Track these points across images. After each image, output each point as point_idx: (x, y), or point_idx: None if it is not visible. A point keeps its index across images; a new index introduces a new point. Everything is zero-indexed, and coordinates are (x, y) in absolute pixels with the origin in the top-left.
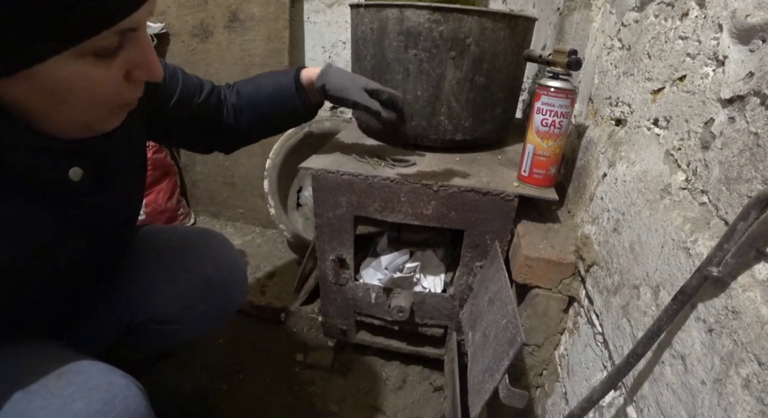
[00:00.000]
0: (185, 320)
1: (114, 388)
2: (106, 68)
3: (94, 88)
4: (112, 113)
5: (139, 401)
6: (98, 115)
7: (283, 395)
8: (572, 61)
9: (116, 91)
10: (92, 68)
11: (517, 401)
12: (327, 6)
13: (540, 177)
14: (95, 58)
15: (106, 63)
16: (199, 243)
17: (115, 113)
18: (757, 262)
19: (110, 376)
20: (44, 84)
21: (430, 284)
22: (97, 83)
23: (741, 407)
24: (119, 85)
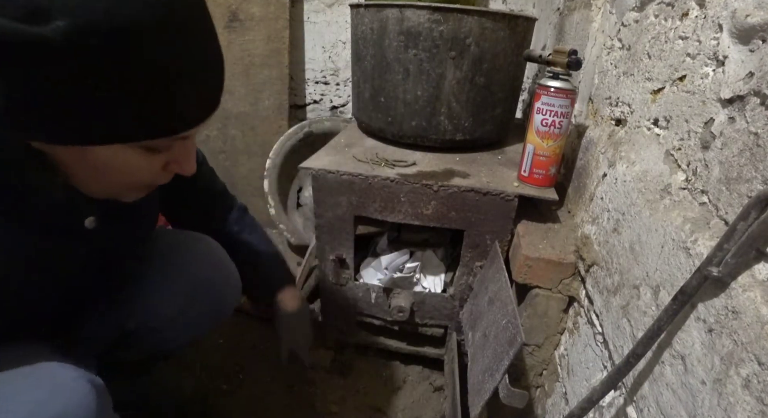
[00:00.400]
0: (178, 324)
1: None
2: (149, 160)
3: (132, 173)
4: (139, 191)
5: (85, 394)
6: (127, 190)
7: (283, 395)
8: (572, 61)
9: (151, 177)
10: (138, 158)
11: (517, 401)
12: (327, 6)
13: (540, 177)
14: (144, 150)
15: (151, 156)
16: (188, 247)
17: (142, 191)
18: (757, 262)
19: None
20: (92, 160)
21: (430, 284)
22: (137, 170)
23: (741, 407)
24: (155, 174)
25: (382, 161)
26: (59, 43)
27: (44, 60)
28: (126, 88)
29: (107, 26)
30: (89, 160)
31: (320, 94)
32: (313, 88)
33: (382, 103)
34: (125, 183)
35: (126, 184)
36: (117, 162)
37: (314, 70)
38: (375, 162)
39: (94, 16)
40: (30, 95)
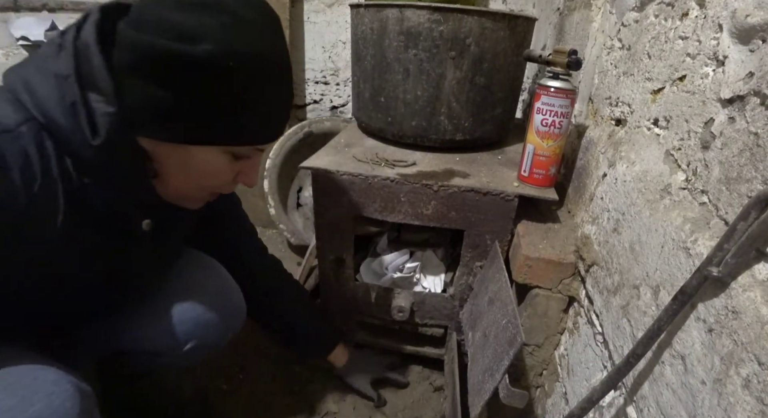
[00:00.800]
0: (173, 354)
1: (36, 383)
2: (230, 166)
3: (213, 176)
4: (203, 198)
5: (65, 398)
6: (197, 195)
7: (283, 395)
8: (572, 61)
9: (222, 184)
10: (223, 163)
11: (517, 401)
12: (327, 6)
13: (540, 177)
14: (230, 156)
15: (232, 163)
16: (192, 275)
17: (204, 199)
18: (757, 262)
19: (39, 372)
20: (191, 159)
21: (430, 284)
22: (218, 174)
23: (741, 407)
24: (227, 180)
25: (382, 161)
26: (204, 60)
27: (189, 72)
28: (239, 102)
29: (240, 52)
30: (188, 160)
31: (320, 94)
32: (313, 88)
33: (382, 103)
34: (202, 186)
35: (202, 187)
36: (208, 164)
37: (314, 70)
38: (375, 162)
39: (232, 43)
40: (170, 97)
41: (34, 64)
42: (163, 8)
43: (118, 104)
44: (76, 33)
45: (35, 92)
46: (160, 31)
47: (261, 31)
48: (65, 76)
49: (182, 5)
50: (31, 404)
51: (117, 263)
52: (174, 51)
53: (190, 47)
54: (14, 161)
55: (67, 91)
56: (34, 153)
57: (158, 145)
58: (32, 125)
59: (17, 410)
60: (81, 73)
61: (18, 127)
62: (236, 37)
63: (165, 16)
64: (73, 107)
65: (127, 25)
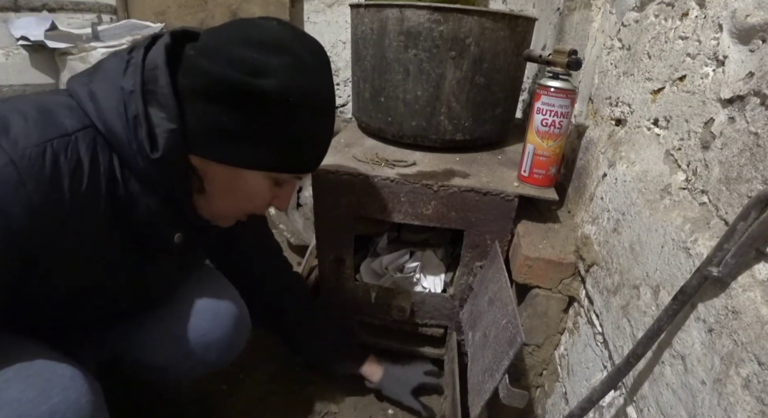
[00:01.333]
0: (172, 371)
1: (55, 377)
2: (269, 190)
3: (253, 198)
4: (236, 217)
5: (81, 393)
6: (234, 214)
7: (283, 395)
8: (572, 61)
9: (258, 206)
10: (265, 186)
11: (517, 401)
12: (327, 6)
13: (540, 177)
14: (272, 182)
15: (271, 187)
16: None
17: (237, 218)
18: (757, 262)
19: (56, 367)
20: (237, 180)
21: (430, 284)
22: (258, 197)
23: (741, 407)
24: (263, 203)
25: (382, 161)
26: (270, 93)
27: (255, 102)
28: (293, 133)
29: (300, 90)
30: (233, 180)
31: None
32: None
33: (382, 103)
34: (238, 206)
35: (238, 207)
36: (251, 186)
37: None
38: (375, 162)
39: (294, 81)
40: (232, 123)
41: (101, 76)
42: (234, 44)
43: (179, 122)
44: (145, 53)
45: (99, 102)
46: (232, 63)
47: (318, 73)
48: (131, 91)
49: (251, 44)
50: (49, 397)
51: (143, 271)
52: (244, 82)
53: (258, 81)
54: (66, 165)
55: (130, 105)
56: (86, 159)
57: (210, 165)
58: (89, 132)
59: (36, 402)
60: (146, 90)
61: (75, 132)
62: (297, 77)
63: (236, 51)
64: (135, 120)
65: (198, 53)
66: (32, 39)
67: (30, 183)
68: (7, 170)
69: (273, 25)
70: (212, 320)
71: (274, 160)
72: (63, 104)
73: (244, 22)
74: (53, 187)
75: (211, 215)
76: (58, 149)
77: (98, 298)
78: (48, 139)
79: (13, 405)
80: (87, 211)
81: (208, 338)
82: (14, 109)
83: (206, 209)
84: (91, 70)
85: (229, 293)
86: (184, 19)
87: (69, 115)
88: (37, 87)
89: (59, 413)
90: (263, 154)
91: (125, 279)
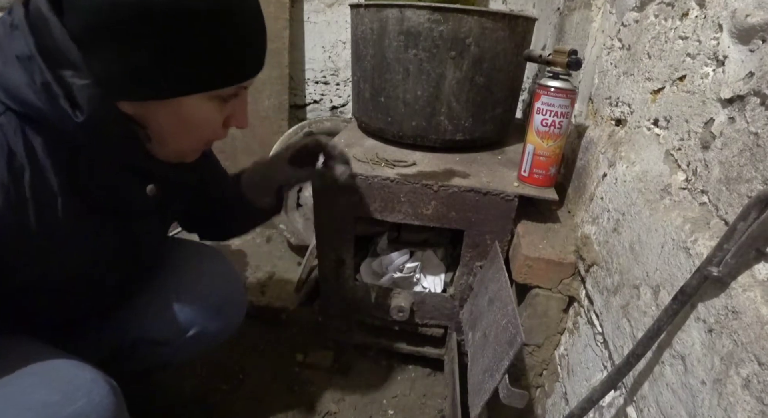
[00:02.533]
0: (178, 342)
1: (78, 381)
2: (219, 111)
3: (205, 124)
4: (198, 149)
5: (104, 395)
6: (194, 146)
7: (283, 395)
8: (572, 61)
9: (215, 130)
10: (212, 109)
11: (517, 401)
12: (327, 6)
13: (540, 177)
14: (217, 101)
15: (220, 107)
16: (194, 263)
17: (201, 149)
18: (757, 262)
19: (77, 370)
20: (179, 113)
21: (430, 284)
22: (210, 121)
23: (741, 407)
24: (219, 126)
25: (382, 161)
26: (165, 9)
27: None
28: (214, 45)
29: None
30: (177, 114)
31: (320, 94)
32: (313, 88)
33: (382, 103)
34: (197, 137)
35: (197, 138)
36: (197, 113)
37: (314, 70)
38: (375, 162)
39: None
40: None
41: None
42: None
43: (91, 74)
44: (25, 8)
45: (1, 81)
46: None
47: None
48: (28, 56)
49: None
50: (74, 400)
51: (125, 240)
52: (136, 4)
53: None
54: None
55: (35, 73)
56: (17, 144)
57: (142, 107)
58: (9, 116)
59: (60, 405)
60: (44, 50)
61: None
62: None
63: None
64: (46, 88)
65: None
66: None
67: None
68: None
69: None
70: (212, 288)
71: (204, 79)
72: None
73: None
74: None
75: (171, 156)
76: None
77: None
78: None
79: (38, 409)
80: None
81: (209, 304)
82: None
83: (162, 151)
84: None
85: (224, 263)
86: None
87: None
88: None
89: (83, 416)
90: (189, 78)
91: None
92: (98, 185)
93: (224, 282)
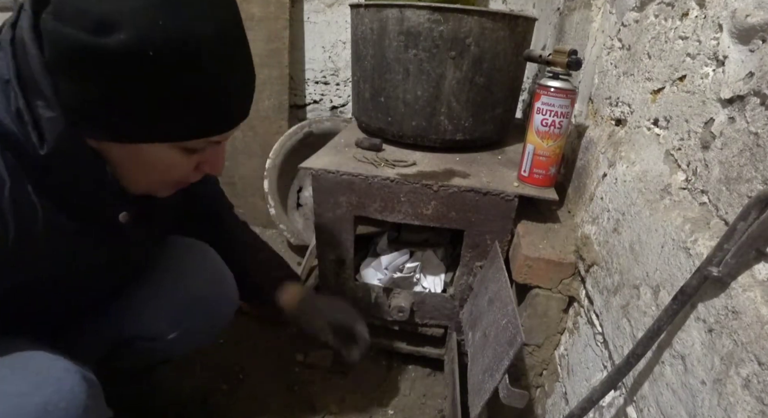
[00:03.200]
0: (172, 337)
1: (49, 371)
2: (186, 159)
3: (170, 170)
4: (171, 188)
5: (75, 384)
6: (162, 187)
7: (283, 395)
8: (572, 61)
9: (185, 175)
10: (177, 157)
11: (517, 401)
12: (327, 6)
13: (540, 177)
14: (183, 151)
15: (188, 156)
16: (185, 257)
17: (174, 188)
18: (757, 262)
19: (50, 362)
20: (140, 157)
21: (430, 284)
22: (175, 168)
23: (741, 407)
24: (188, 172)
25: (382, 161)
26: (120, 52)
27: (106, 66)
28: (174, 95)
29: (162, 39)
30: (137, 157)
31: (320, 94)
32: (313, 88)
33: (382, 103)
34: (163, 180)
35: (164, 181)
36: (160, 160)
37: (314, 70)
38: (375, 162)
39: (152, 30)
40: (96, 95)
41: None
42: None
43: (59, 107)
44: (12, 31)
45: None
46: (78, 20)
47: (194, 8)
48: (6, 80)
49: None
50: (42, 389)
51: (106, 255)
52: (88, 44)
53: (104, 39)
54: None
55: (11, 97)
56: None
57: (105, 145)
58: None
59: (30, 395)
60: (21, 76)
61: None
62: (161, 21)
63: (81, 2)
64: (18, 114)
65: (50, 14)
66: None
67: None
68: None
69: None
70: (203, 284)
71: (162, 129)
72: None
73: None
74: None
75: (139, 190)
76: None
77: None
78: None
79: (5, 399)
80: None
81: (199, 299)
82: None
83: (133, 185)
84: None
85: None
86: None
87: None
88: None
89: (52, 404)
90: (145, 126)
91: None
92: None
93: (213, 278)
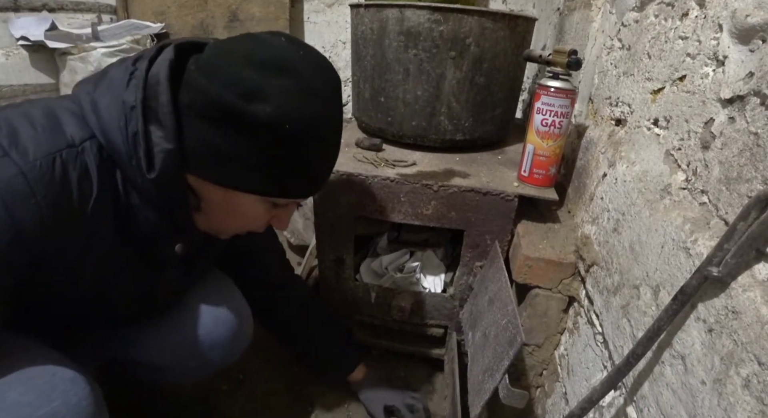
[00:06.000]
0: (173, 371)
1: (55, 380)
2: (267, 212)
3: (251, 219)
4: (234, 233)
5: (82, 397)
6: (232, 231)
7: (283, 395)
8: (572, 61)
9: (257, 225)
10: (261, 209)
11: (517, 401)
12: (327, 6)
13: (540, 177)
14: (269, 204)
15: (269, 209)
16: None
17: (235, 234)
18: (757, 262)
19: (57, 369)
20: (232, 201)
21: (430, 284)
22: (256, 218)
23: (741, 407)
24: (261, 223)
25: (382, 161)
26: (262, 120)
27: (246, 128)
28: (290, 161)
29: (297, 118)
30: (229, 202)
31: None
32: None
33: (382, 103)
34: (240, 226)
35: (237, 226)
36: (248, 208)
37: None
38: (375, 162)
39: (291, 108)
40: (227, 146)
41: (105, 86)
42: (236, 63)
43: (177, 142)
44: (149, 65)
45: (101, 115)
46: (229, 84)
47: (322, 98)
48: (132, 106)
49: (252, 63)
50: (49, 400)
51: (147, 279)
52: (238, 106)
53: (252, 106)
54: (75, 176)
55: (131, 121)
56: (93, 169)
57: (205, 185)
58: (94, 142)
59: (36, 405)
60: (147, 106)
61: (82, 142)
62: (298, 102)
63: (236, 70)
64: (134, 137)
65: (199, 71)
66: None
67: (40, 194)
68: (17, 181)
69: (280, 42)
70: (215, 324)
71: (269, 185)
72: (68, 110)
73: (250, 37)
74: (62, 198)
75: (209, 230)
76: (66, 160)
77: (102, 304)
78: (57, 150)
79: (12, 408)
80: (93, 221)
81: (211, 339)
82: (22, 114)
83: (204, 224)
84: (97, 78)
85: (234, 297)
86: (184, 20)
87: (74, 124)
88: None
89: (59, 415)
90: (257, 179)
91: (130, 287)
92: (137, 231)
93: (231, 318)
